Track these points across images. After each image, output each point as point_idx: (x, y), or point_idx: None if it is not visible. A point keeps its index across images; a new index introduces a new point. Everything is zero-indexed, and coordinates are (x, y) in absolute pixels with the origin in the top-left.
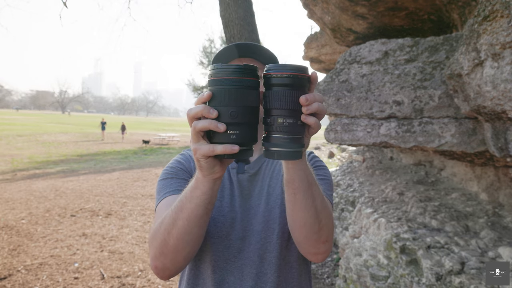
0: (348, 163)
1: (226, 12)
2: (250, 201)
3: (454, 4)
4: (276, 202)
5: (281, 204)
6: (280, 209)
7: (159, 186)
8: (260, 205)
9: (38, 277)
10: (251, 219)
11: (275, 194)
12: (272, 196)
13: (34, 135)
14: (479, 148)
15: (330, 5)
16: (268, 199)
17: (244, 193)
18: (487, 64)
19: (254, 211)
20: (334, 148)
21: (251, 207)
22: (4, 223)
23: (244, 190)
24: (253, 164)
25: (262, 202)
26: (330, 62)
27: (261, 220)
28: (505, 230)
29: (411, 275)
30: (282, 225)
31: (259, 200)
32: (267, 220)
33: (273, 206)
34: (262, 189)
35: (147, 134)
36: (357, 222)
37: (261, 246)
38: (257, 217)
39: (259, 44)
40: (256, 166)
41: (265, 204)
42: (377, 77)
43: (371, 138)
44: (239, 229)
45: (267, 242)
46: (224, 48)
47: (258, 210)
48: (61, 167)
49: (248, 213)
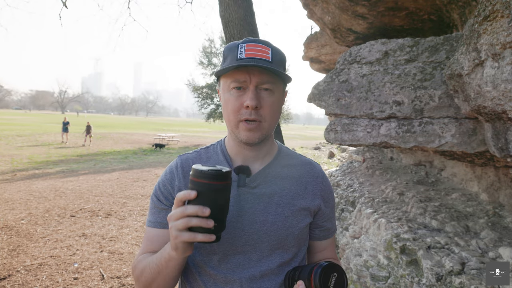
0: (348, 163)
1: (226, 12)
2: (254, 216)
3: (454, 4)
4: (284, 224)
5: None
6: (287, 232)
7: (149, 204)
8: (266, 222)
9: (37, 277)
10: (252, 234)
11: (284, 215)
12: (281, 216)
13: (34, 135)
14: (480, 148)
15: (330, 5)
16: (276, 219)
17: (246, 207)
18: (487, 64)
19: (258, 227)
20: (334, 148)
21: (254, 222)
22: (4, 223)
23: (246, 204)
24: (255, 176)
25: (268, 220)
26: (330, 62)
27: (265, 239)
28: (505, 231)
29: (411, 275)
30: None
31: (264, 216)
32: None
33: (281, 227)
34: (269, 207)
35: (147, 135)
36: (357, 223)
37: (262, 264)
38: (261, 234)
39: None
40: (258, 179)
41: (271, 224)
42: (377, 77)
43: (371, 138)
44: (239, 244)
45: (269, 260)
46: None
47: (263, 227)
48: (60, 167)
49: (250, 228)
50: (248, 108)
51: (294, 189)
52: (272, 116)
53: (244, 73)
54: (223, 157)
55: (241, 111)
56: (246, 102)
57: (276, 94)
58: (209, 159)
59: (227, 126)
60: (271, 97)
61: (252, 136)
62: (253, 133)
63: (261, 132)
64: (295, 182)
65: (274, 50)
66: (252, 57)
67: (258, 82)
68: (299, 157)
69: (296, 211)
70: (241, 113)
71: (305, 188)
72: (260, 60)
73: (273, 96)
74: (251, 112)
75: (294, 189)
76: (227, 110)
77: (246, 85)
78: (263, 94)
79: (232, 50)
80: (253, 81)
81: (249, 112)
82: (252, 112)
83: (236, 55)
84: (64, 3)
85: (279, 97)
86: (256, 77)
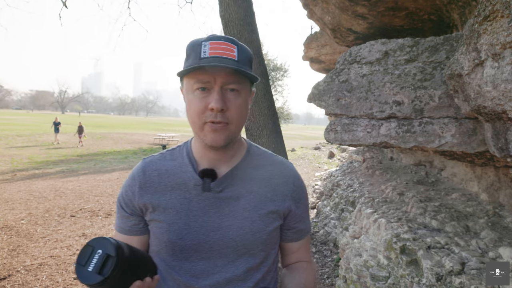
0: (348, 163)
1: (226, 12)
2: (219, 221)
3: (454, 4)
4: (251, 229)
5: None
6: (254, 236)
7: (116, 205)
8: (231, 227)
9: (37, 277)
10: (218, 240)
11: (251, 219)
12: (248, 220)
13: (34, 135)
14: (480, 148)
15: (330, 5)
16: (243, 224)
17: (211, 211)
18: (487, 64)
19: (223, 232)
20: (334, 148)
21: (219, 227)
22: (4, 223)
23: (210, 209)
24: (220, 180)
25: (234, 225)
26: (330, 62)
27: (231, 244)
28: (505, 231)
29: (411, 275)
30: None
31: (230, 221)
32: (239, 245)
33: (247, 232)
34: (235, 211)
35: (147, 135)
36: (357, 223)
37: (228, 270)
38: (226, 239)
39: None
40: (224, 182)
41: (238, 228)
42: (377, 77)
43: (371, 138)
44: (203, 250)
45: (235, 266)
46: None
47: (228, 232)
48: (60, 167)
49: (215, 234)
50: (213, 110)
51: (262, 191)
52: (239, 118)
53: (208, 73)
54: (188, 159)
55: (205, 113)
56: (211, 104)
57: (242, 95)
58: (174, 161)
59: (192, 128)
60: (237, 98)
61: (217, 138)
62: (219, 135)
63: (227, 135)
64: (264, 184)
65: (239, 47)
66: (216, 56)
67: (223, 83)
68: (270, 156)
69: (264, 215)
70: (206, 115)
71: (274, 190)
72: (225, 59)
73: (239, 97)
74: (216, 115)
75: (263, 191)
76: (191, 112)
77: (210, 85)
78: (229, 95)
79: (195, 48)
80: (218, 82)
81: (214, 115)
82: (218, 115)
83: (199, 53)
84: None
85: (246, 97)
86: (221, 77)
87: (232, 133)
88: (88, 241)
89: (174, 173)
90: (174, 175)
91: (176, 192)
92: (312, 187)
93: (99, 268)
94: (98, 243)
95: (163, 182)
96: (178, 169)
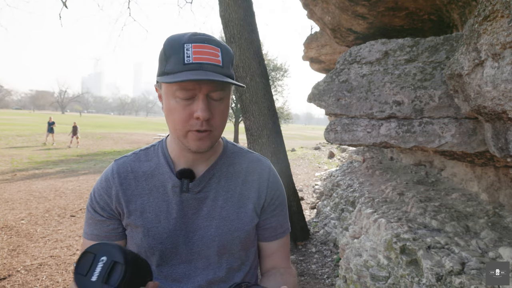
0: (348, 163)
1: (226, 12)
2: (197, 222)
3: (454, 4)
4: (229, 228)
5: (235, 230)
6: (232, 235)
7: (85, 214)
8: (210, 227)
9: (37, 277)
10: (197, 241)
11: (229, 218)
12: (226, 220)
13: (34, 135)
14: (480, 148)
15: (330, 5)
16: (220, 223)
17: (189, 213)
18: (487, 64)
19: (202, 232)
20: (334, 148)
21: (198, 228)
22: (4, 223)
23: (189, 210)
24: (199, 180)
25: (212, 225)
26: (330, 62)
27: (210, 245)
28: (505, 231)
29: (411, 275)
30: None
31: (209, 221)
32: (218, 245)
33: (225, 231)
34: (213, 210)
35: (147, 135)
36: (357, 222)
37: (209, 272)
38: (205, 240)
39: None
40: (202, 183)
41: (216, 228)
42: (377, 77)
43: (371, 138)
44: (183, 253)
45: (217, 267)
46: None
47: (207, 232)
48: (60, 167)
49: (194, 235)
50: (199, 119)
51: (239, 189)
52: (222, 124)
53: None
54: (164, 160)
55: (190, 121)
56: (197, 113)
57: (225, 101)
58: (149, 161)
59: (171, 133)
60: (221, 105)
61: (202, 145)
62: (203, 142)
63: (212, 141)
64: (241, 182)
65: (223, 50)
66: (201, 61)
67: (208, 90)
68: (246, 154)
69: (241, 213)
70: (191, 124)
71: (250, 187)
72: (211, 66)
73: (223, 104)
74: (202, 123)
75: (240, 189)
76: (173, 119)
77: (194, 93)
78: (214, 103)
79: (176, 50)
80: (203, 90)
81: (200, 123)
82: (204, 123)
83: (182, 57)
84: (64, 3)
85: (228, 102)
86: (206, 85)
87: (216, 139)
88: (87, 248)
89: (151, 175)
90: (151, 177)
91: (153, 194)
92: (312, 187)
93: (105, 277)
94: (100, 249)
95: (140, 185)
96: (155, 170)
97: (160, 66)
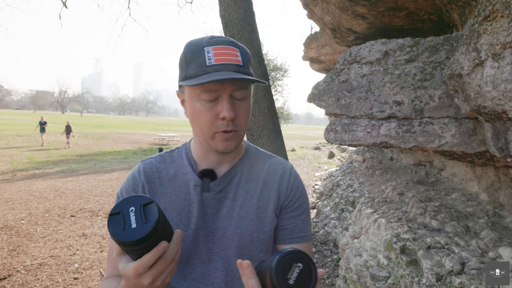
0: (348, 163)
1: (226, 12)
2: (217, 222)
3: (454, 4)
4: (248, 228)
5: (254, 231)
6: (251, 236)
7: None
8: (229, 228)
9: (37, 277)
10: (216, 241)
11: (248, 219)
12: (245, 220)
13: (34, 135)
14: (480, 148)
15: (330, 5)
16: (239, 223)
17: (210, 212)
18: (487, 64)
19: (221, 232)
20: (334, 148)
21: (217, 228)
22: (4, 223)
23: (209, 210)
24: (220, 180)
25: (231, 225)
26: (330, 62)
27: (229, 245)
28: (505, 231)
29: (411, 275)
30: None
31: (228, 221)
32: (237, 246)
33: (244, 231)
34: (232, 210)
35: (147, 135)
36: (357, 223)
37: (228, 273)
38: (225, 240)
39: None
40: (223, 183)
41: (235, 228)
42: (377, 77)
43: (371, 138)
44: (202, 252)
45: (236, 268)
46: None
47: (226, 232)
48: (60, 167)
49: (213, 235)
50: (225, 119)
51: (259, 190)
52: (246, 123)
53: (216, 82)
54: (187, 161)
55: (216, 122)
56: (222, 114)
57: (248, 100)
58: (173, 163)
59: (197, 135)
60: (244, 104)
61: (229, 145)
62: (230, 143)
63: (238, 140)
64: (261, 183)
65: (241, 50)
66: (222, 62)
67: (232, 90)
68: (269, 157)
69: (261, 214)
70: (217, 125)
71: (271, 189)
72: (232, 66)
73: (246, 103)
74: (228, 123)
75: (260, 190)
76: (199, 121)
77: (218, 94)
78: (237, 103)
79: (197, 54)
80: (226, 90)
81: (226, 124)
82: (229, 123)
83: (203, 60)
84: (64, 3)
85: (250, 101)
86: (230, 85)
87: (241, 138)
88: (110, 213)
89: (175, 175)
90: (175, 178)
91: (176, 193)
92: (312, 187)
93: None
94: (123, 205)
95: (163, 184)
96: (178, 171)
97: (181, 71)
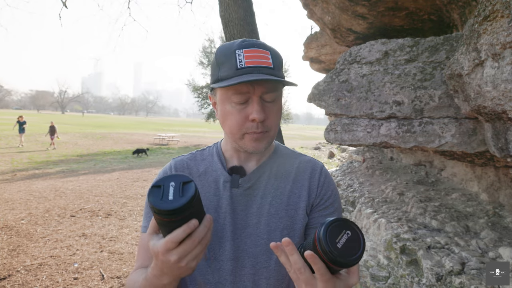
0: (348, 163)
1: (226, 12)
2: (246, 219)
3: (454, 4)
4: (278, 226)
5: (284, 228)
6: (281, 233)
7: (144, 209)
8: (258, 225)
9: (37, 277)
10: (245, 238)
11: (278, 216)
12: (275, 217)
13: (34, 135)
14: (480, 148)
15: (330, 5)
16: (269, 221)
17: (238, 209)
18: (487, 64)
19: (251, 230)
20: (334, 148)
21: (247, 225)
22: (4, 223)
23: (238, 206)
24: (249, 176)
25: (261, 222)
26: (330, 62)
27: (258, 242)
28: (505, 231)
29: (411, 275)
30: None
31: (257, 219)
32: (267, 244)
33: (274, 229)
34: (262, 208)
35: (147, 135)
36: (357, 223)
37: (256, 271)
38: (253, 238)
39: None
40: (252, 179)
41: (265, 225)
42: (377, 77)
43: (371, 138)
44: (230, 249)
45: (264, 267)
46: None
47: (256, 230)
48: (60, 167)
49: (242, 232)
50: (255, 121)
51: (289, 187)
52: (276, 124)
53: (247, 84)
54: (217, 158)
55: (246, 124)
56: (252, 115)
57: (278, 102)
58: (204, 160)
59: (227, 137)
60: (275, 106)
61: (259, 146)
62: (260, 143)
63: (267, 141)
64: (291, 180)
65: (272, 53)
66: (253, 65)
67: (262, 92)
68: (299, 155)
69: (291, 211)
70: (247, 127)
71: (301, 186)
72: (263, 68)
73: (276, 105)
74: (257, 125)
75: (290, 187)
76: (230, 123)
77: (249, 96)
78: (268, 105)
79: (229, 57)
80: (257, 92)
81: (256, 125)
82: (259, 125)
83: (235, 63)
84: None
85: (281, 103)
86: (260, 87)
87: (271, 139)
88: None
89: (205, 172)
90: (205, 175)
91: (206, 189)
92: None
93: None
94: (165, 180)
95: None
96: (208, 168)
97: (213, 74)
